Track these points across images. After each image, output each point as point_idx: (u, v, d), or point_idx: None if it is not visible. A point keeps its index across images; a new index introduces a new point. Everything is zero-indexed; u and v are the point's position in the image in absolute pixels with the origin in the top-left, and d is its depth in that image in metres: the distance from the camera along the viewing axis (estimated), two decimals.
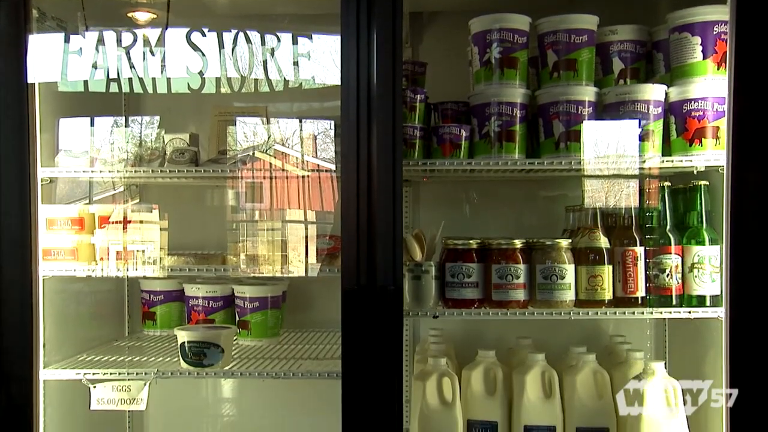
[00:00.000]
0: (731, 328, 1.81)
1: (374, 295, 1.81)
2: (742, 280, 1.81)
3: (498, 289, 1.97)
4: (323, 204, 2.11)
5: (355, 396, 1.83)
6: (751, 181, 1.76)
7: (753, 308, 1.80)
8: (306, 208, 2.11)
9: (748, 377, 1.81)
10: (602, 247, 1.96)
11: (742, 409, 1.81)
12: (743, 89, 1.73)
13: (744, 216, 1.78)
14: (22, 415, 1.88)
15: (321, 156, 2.09)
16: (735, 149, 1.75)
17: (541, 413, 2.05)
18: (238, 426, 2.57)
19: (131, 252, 2.03)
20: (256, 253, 2.07)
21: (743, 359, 1.81)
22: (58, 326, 2.04)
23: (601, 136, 1.96)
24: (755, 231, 1.78)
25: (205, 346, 1.96)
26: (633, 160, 1.95)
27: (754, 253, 1.79)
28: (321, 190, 2.10)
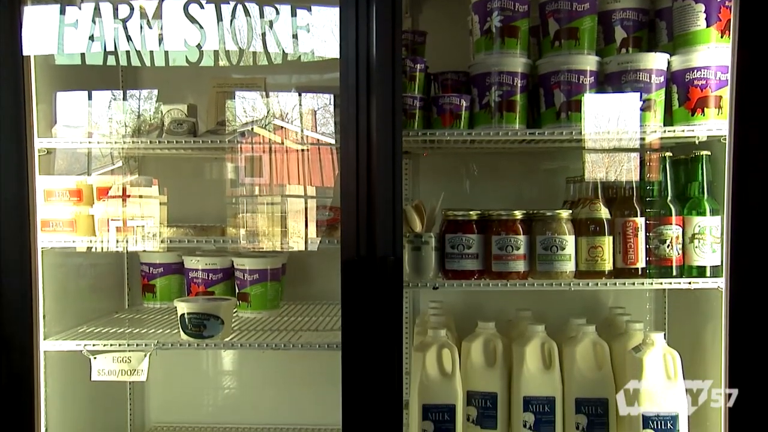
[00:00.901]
0: (731, 298, 1.81)
1: (374, 265, 1.81)
2: (743, 251, 1.80)
3: (498, 261, 1.96)
4: (323, 179, 2.10)
5: (355, 367, 1.83)
6: (754, 151, 1.75)
7: (753, 279, 1.80)
8: (306, 183, 2.10)
9: (748, 348, 1.81)
10: (603, 218, 1.95)
11: (742, 381, 1.81)
12: (747, 57, 1.70)
13: (746, 186, 1.77)
14: (24, 385, 1.88)
15: (321, 131, 2.07)
16: (738, 118, 1.74)
17: (540, 384, 2.06)
18: (239, 398, 2.59)
19: (130, 225, 2.02)
20: (255, 227, 2.06)
21: (743, 330, 1.81)
22: (57, 298, 2.04)
23: (602, 106, 1.95)
24: (757, 201, 1.77)
25: (204, 318, 1.96)
26: (634, 131, 1.93)
27: (755, 223, 1.78)
28: (321, 164, 2.09)
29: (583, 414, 2.04)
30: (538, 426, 2.04)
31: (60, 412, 2.02)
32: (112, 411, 2.46)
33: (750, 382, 1.81)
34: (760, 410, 1.81)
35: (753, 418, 1.82)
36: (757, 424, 1.82)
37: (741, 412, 1.82)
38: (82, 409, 2.21)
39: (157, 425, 2.56)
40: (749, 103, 1.72)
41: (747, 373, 1.81)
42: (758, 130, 1.73)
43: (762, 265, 1.79)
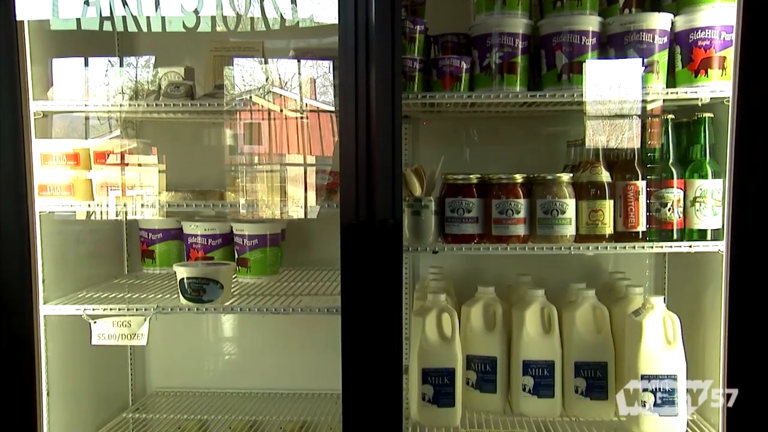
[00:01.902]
0: (732, 261, 1.80)
1: (373, 229, 1.80)
2: (745, 214, 1.79)
3: (498, 224, 1.95)
4: (323, 147, 2.08)
5: (354, 331, 1.83)
6: (757, 112, 1.73)
7: (754, 242, 1.79)
8: (305, 151, 2.08)
9: (748, 311, 1.81)
10: (603, 182, 1.94)
11: (741, 344, 1.82)
12: (752, 16, 1.68)
13: (748, 148, 1.75)
14: (24, 349, 1.89)
15: (321, 99, 2.05)
16: (742, 79, 1.71)
17: (540, 348, 2.07)
18: (239, 363, 2.60)
19: (129, 189, 2.01)
20: (255, 195, 2.05)
21: (743, 293, 1.81)
22: (56, 264, 2.04)
23: (604, 68, 1.92)
24: (759, 163, 1.75)
25: (204, 282, 1.96)
26: (636, 93, 1.90)
27: (757, 185, 1.77)
28: (321, 132, 2.07)
29: (582, 377, 2.06)
30: (538, 389, 2.06)
31: (61, 376, 2.03)
32: (114, 376, 2.47)
33: (750, 345, 1.82)
34: (759, 375, 1.82)
35: (752, 382, 1.83)
36: (756, 389, 1.83)
37: (740, 376, 1.83)
38: (84, 374, 2.22)
39: (158, 390, 2.58)
40: (754, 63, 1.70)
41: (747, 337, 1.82)
42: (762, 91, 1.71)
43: (763, 228, 1.78)
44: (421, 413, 2.01)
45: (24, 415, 1.89)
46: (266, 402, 2.48)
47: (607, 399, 2.05)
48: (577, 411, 2.07)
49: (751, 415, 1.83)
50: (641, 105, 1.92)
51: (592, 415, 2.06)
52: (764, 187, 1.75)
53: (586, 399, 2.06)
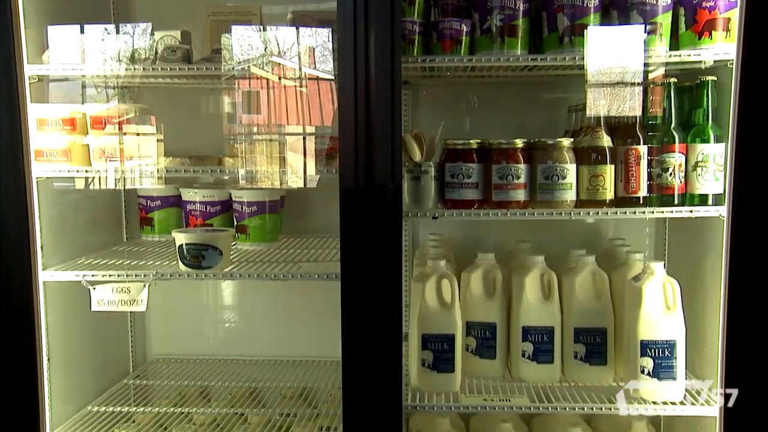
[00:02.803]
0: (733, 226, 1.80)
1: (373, 194, 1.79)
2: (746, 178, 1.78)
3: (498, 190, 1.94)
4: (323, 117, 2.06)
5: (354, 297, 1.83)
6: (762, 74, 1.71)
7: (756, 206, 1.79)
8: (304, 121, 2.06)
9: (748, 276, 1.81)
10: (605, 146, 1.92)
11: (741, 307, 1.82)
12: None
13: (752, 111, 1.74)
14: (24, 315, 1.89)
15: (320, 68, 2.02)
16: (746, 41, 1.70)
17: (539, 314, 2.07)
18: (239, 331, 2.61)
19: (126, 155, 2.00)
20: (254, 165, 2.04)
21: (744, 258, 1.80)
22: (54, 231, 2.03)
23: (606, 30, 1.89)
24: (762, 126, 1.74)
25: (203, 248, 1.95)
26: (639, 56, 1.88)
27: (759, 150, 1.76)
28: (320, 102, 2.05)
29: (581, 343, 2.06)
30: (537, 355, 2.06)
31: (62, 342, 2.04)
32: (114, 343, 2.48)
33: (749, 309, 1.82)
34: (758, 339, 1.82)
35: (751, 346, 1.83)
36: (754, 352, 1.83)
37: (739, 340, 1.84)
38: (84, 341, 2.22)
39: (158, 357, 2.59)
40: (759, 24, 1.68)
41: (746, 301, 1.82)
42: (767, 53, 1.69)
43: (765, 192, 1.77)
44: (420, 379, 2.02)
45: (25, 380, 1.90)
46: (266, 369, 2.49)
47: (607, 364, 2.06)
48: (576, 377, 2.08)
49: (750, 380, 1.84)
50: (643, 68, 1.90)
51: (591, 380, 2.07)
52: (767, 151, 1.74)
53: (585, 365, 2.06)
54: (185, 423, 2.14)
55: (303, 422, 2.10)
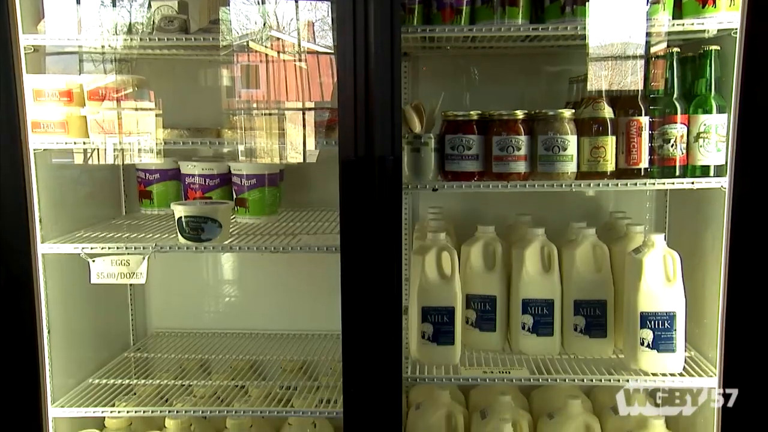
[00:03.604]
0: (734, 197, 1.79)
1: (372, 165, 1.78)
2: (749, 148, 1.77)
3: (498, 161, 1.92)
4: (322, 92, 2.04)
5: (354, 269, 1.82)
6: (766, 44, 1.69)
7: (758, 177, 1.78)
8: (304, 96, 2.04)
9: (749, 247, 1.80)
10: (606, 117, 1.90)
11: (741, 279, 1.82)
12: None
13: (755, 81, 1.73)
14: (24, 288, 1.89)
15: (320, 43, 2.00)
16: (750, 9, 1.67)
17: (539, 287, 2.07)
18: (239, 304, 2.62)
19: (125, 129, 1.98)
20: (253, 140, 2.02)
21: (745, 229, 1.80)
22: (53, 204, 2.02)
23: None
24: (765, 96, 1.72)
25: (202, 221, 1.94)
26: (642, 25, 1.85)
27: (762, 119, 1.75)
28: (320, 77, 2.03)
29: (581, 315, 2.06)
30: (537, 328, 2.06)
31: (62, 315, 2.04)
32: (114, 316, 2.48)
33: (749, 281, 1.82)
34: (758, 310, 1.82)
35: (751, 319, 1.83)
36: (754, 323, 1.83)
37: (739, 312, 1.84)
38: (84, 314, 2.23)
39: (158, 330, 2.60)
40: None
41: (747, 272, 1.81)
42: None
43: (767, 163, 1.76)
44: (420, 351, 2.02)
45: (26, 352, 1.91)
46: (266, 342, 2.50)
47: (606, 337, 2.07)
48: (575, 349, 2.08)
49: (749, 352, 1.85)
50: (646, 38, 1.87)
51: (591, 352, 2.07)
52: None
53: (585, 337, 2.07)
54: (186, 395, 2.14)
55: (303, 394, 2.10)
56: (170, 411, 2.05)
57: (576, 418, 2.13)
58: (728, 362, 1.86)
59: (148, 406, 2.05)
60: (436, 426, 2.18)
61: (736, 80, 1.73)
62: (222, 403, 2.10)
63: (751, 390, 1.85)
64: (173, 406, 2.07)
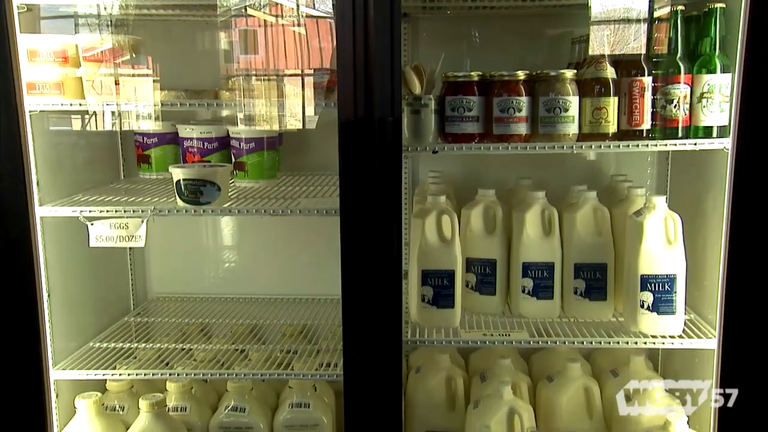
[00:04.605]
0: (737, 158, 1.78)
1: (372, 126, 1.76)
2: (753, 109, 1.75)
3: (499, 123, 1.90)
4: (322, 58, 2.01)
5: (354, 232, 1.81)
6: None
7: (761, 137, 1.76)
8: (302, 62, 2.01)
9: (751, 208, 1.79)
10: (608, 78, 1.87)
11: (742, 241, 1.81)
12: None
13: (760, 40, 1.70)
14: (23, 251, 1.89)
15: (319, 8, 1.97)
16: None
17: (540, 250, 2.06)
18: (239, 269, 2.62)
19: (121, 92, 1.96)
20: (252, 103, 1.99)
21: (747, 190, 1.79)
22: (51, 168, 2.01)
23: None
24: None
25: (201, 184, 1.93)
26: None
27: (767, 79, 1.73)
28: (320, 44, 2.00)
29: (581, 279, 2.06)
30: (537, 291, 2.06)
31: (61, 279, 2.04)
32: (114, 281, 2.48)
33: (751, 242, 1.81)
34: (759, 272, 1.82)
35: (751, 281, 1.83)
36: (754, 288, 1.83)
37: (740, 274, 1.83)
38: (84, 278, 2.23)
39: (159, 295, 2.60)
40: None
41: (748, 234, 1.81)
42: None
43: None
44: (420, 314, 2.02)
45: (26, 315, 1.91)
46: (266, 307, 2.50)
47: (606, 300, 2.07)
48: (575, 312, 2.09)
49: (749, 313, 1.85)
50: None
51: (591, 315, 2.08)
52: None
53: (585, 300, 2.07)
54: (186, 359, 2.15)
55: (303, 358, 2.11)
56: (171, 374, 2.06)
57: (575, 381, 2.15)
58: (728, 324, 1.86)
59: (149, 369, 2.06)
60: (436, 389, 2.19)
61: (741, 39, 1.70)
62: (222, 367, 2.11)
63: (750, 353, 1.85)
64: (174, 369, 2.08)
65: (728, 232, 1.82)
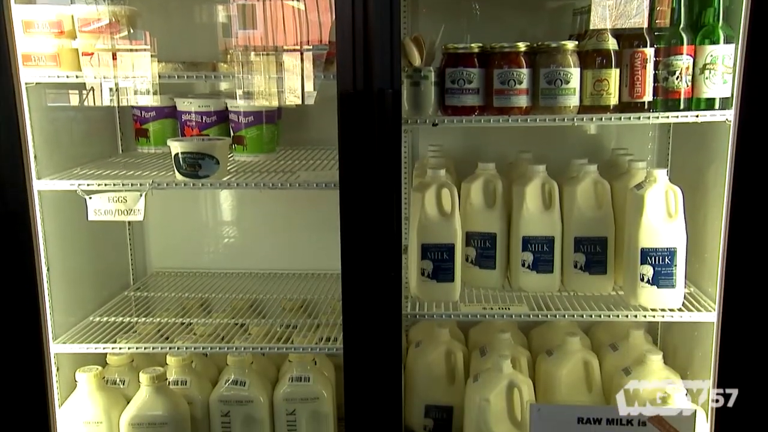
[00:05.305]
0: (740, 129, 1.76)
1: (371, 98, 1.74)
2: (756, 80, 1.73)
3: (499, 95, 1.88)
4: (321, 35, 1.99)
5: (353, 205, 1.80)
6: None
7: (764, 109, 1.74)
8: (301, 36, 1.99)
9: (753, 181, 1.78)
10: (610, 49, 1.85)
11: (743, 213, 1.80)
12: None
13: (764, 8, 1.67)
14: (21, 225, 1.88)
15: None
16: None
17: (540, 224, 2.05)
18: (238, 244, 2.61)
19: (118, 65, 1.94)
20: (251, 77, 1.97)
21: (749, 162, 1.77)
22: (48, 141, 1.99)
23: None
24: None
25: (199, 157, 1.92)
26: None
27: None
28: (320, 19, 1.98)
29: (581, 252, 2.06)
30: (537, 265, 2.06)
31: (60, 253, 2.03)
32: (114, 256, 2.48)
33: (752, 215, 1.80)
34: (760, 245, 1.81)
35: (752, 255, 1.82)
36: (755, 261, 1.82)
37: (740, 248, 1.82)
38: (83, 253, 2.22)
39: (158, 270, 2.60)
40: None
41: (750, 206, 1.80)
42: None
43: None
44: (420, 288, 2.02)
45: (25, 288, 1.90)
46: (266, 282, 2.50)
47: (606, 274, 2.06)
48: (575, 286, 2.09)
49: (749, 285, 1.84)
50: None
51: (591, 289, 2.07)
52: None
53: (584, 274, 2.06)
54: (186, 333, 2.16)
55: (303, 332, 2.11)
56: (171, 348, 2.07)
57: (575, 355, 2.15)
58: (728, 298, 1.86)
59: (149, 343, 2.06)
60: (436, 363, 2.20)
61: (745, 8, 1.67)
62: (222, 341, 2.11)
63: (750, 327, 1.85)
64: (174, 343, 2.08)
65: (729, 206, 1.81)
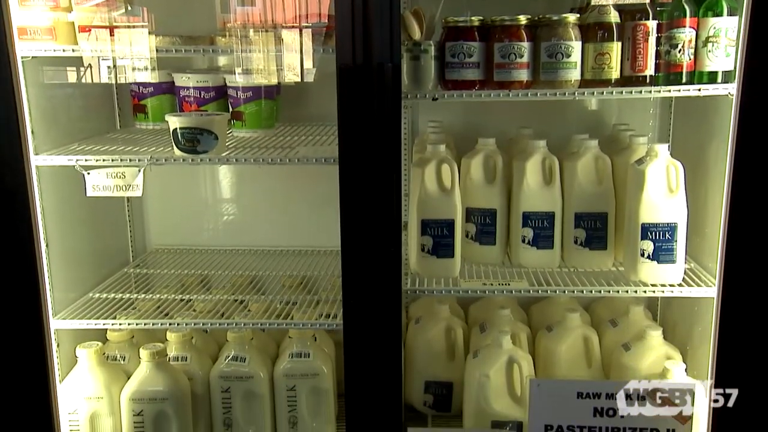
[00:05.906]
0: (742, 103, 1.75)
1: (371, 72, 1.73)
2: (760, 52, 1.71)
3: (500, 69, 1.87)
4: (320, 8, 1.97)
5: (353, 180, 1.79)
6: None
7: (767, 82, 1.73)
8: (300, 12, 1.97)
9: (755, 155, 1.77)
10: (612, 22, 1.83)
11: (744, 188, 1.79)
12: None
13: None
14: (19, 200, 1.87)
15: None
16: None
17: (540, 199, 2.05)
18: (237, 221, 2.61)
19: (115, 39, 1.92)
20: (249, 54, 1.95)
21: (751, 136, 1.76)
22: (45, 117, 1.98)
23: None
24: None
25: (198, 132, 1.91)
26: None
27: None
28: None
29: (582, 228, 2.05)
30: (537, 241, 2.05)
31: (59, 230, 2.02)
32: (113, 233, 2.48)
33: (753, 190, 1.79)
34: (760, 220, 1.81)
35: (752, 230, 1.82)
36: (755, 237, 1.82)
37: (741, 223, 1.82)
38: (83, 229, 2.22)
39: (158, 247, 2.60)
40: None
41: (751, 181, 1.79)
42: None
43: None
44: (420, 264, 2.02)
45: (24, 264, 1.90)
46: (266, 258, 2.50)
47: (606, 249, 2.06)
48: (575, 262, 2.08)
49: (749, 261, 1.84)
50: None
51: (591, 265, 2.07)
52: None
53: (585, 249, 2.06)
54: (186, 310, 2.16)
55: (303, 308, 2.11)
56: (171, 324, 2.07)
57: (574, 331, 2.16)
58: (728, 273, 1.86)
59: (149, 319, 2.06)
60: (436, 339, 2.20)
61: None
62: (222, 317, 2.11)
63: (750, 302, 1.85)
64: (174, 319, 2.08)
65: (731, 181, 1.80)
